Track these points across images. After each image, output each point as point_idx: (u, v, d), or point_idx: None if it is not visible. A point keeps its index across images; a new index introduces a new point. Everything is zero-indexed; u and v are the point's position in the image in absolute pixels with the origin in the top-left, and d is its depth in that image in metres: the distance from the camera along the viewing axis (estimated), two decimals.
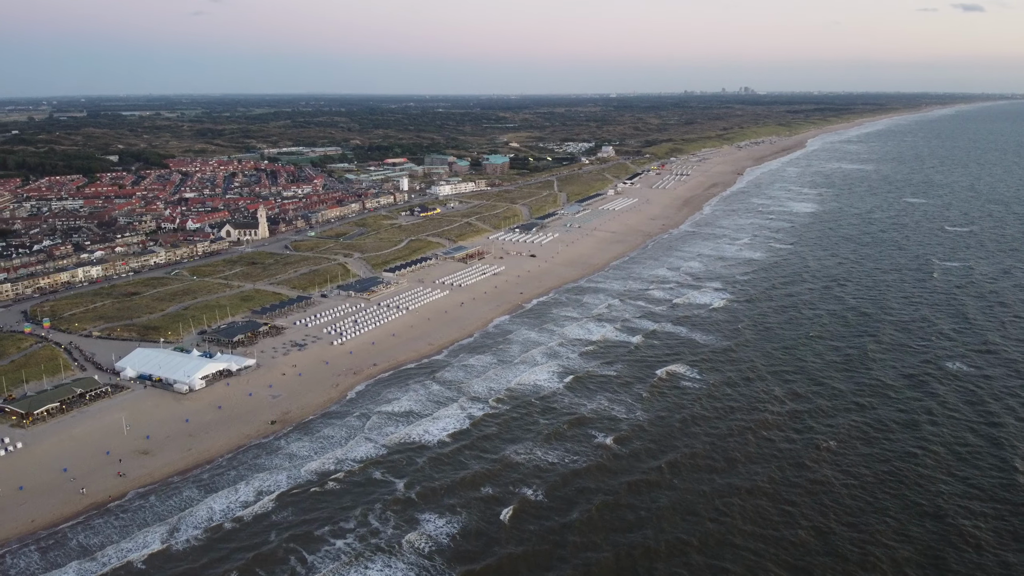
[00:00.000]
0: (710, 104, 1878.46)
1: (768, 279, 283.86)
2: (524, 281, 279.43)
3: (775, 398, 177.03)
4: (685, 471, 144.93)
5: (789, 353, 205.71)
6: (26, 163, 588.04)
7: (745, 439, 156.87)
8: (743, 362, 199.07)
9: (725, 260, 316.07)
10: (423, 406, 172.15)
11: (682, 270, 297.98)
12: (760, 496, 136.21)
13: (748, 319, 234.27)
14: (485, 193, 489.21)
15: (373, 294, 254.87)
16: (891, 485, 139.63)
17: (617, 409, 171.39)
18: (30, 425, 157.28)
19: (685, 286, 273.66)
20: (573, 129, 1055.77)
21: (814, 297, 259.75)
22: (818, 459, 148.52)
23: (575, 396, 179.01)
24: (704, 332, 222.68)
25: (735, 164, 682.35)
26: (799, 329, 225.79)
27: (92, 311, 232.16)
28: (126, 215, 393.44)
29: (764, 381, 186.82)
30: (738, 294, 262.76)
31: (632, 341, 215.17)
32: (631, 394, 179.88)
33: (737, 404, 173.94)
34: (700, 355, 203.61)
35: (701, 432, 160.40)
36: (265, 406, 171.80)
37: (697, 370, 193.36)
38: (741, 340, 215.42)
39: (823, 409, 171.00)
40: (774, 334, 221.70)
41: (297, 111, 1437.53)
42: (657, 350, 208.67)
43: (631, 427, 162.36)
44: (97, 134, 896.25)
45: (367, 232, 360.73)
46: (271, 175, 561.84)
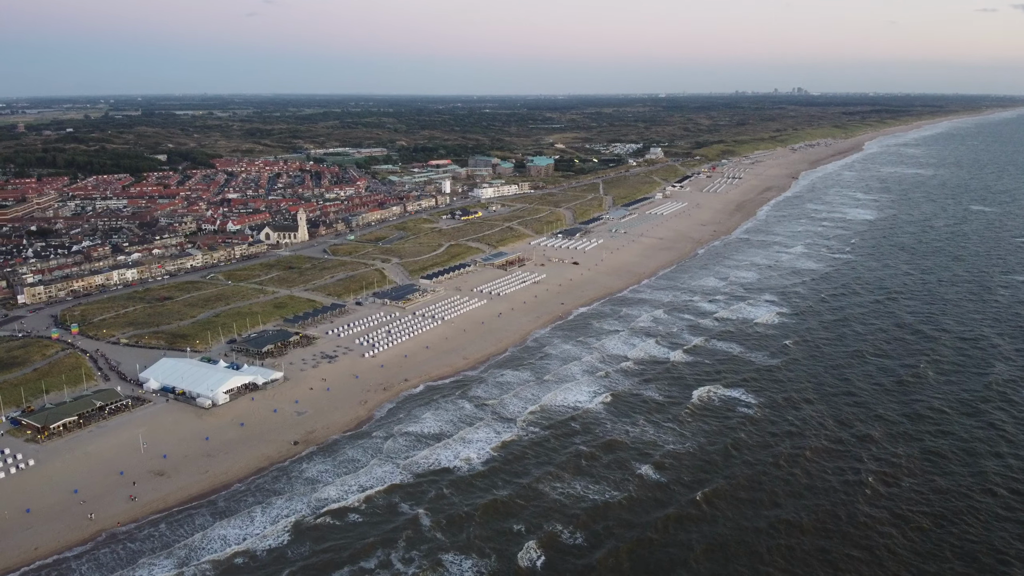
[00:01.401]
0: (762, 104, 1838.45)
1: (821, 291, 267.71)
2: (565, 290, 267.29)
3: (821, 424, 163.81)
4: (722, 506, 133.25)
5: (838, 374, 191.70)
6: (75, 161, 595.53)
7: (788, 471, 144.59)
8: (790, 383, 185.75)
9: (779, 270, 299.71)
10: (453, 427, 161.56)
11: (733, 280, 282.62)
12: (801, 536, 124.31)
13: (798, 335, 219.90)
14: (528, 196, 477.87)
15: (408, 302, 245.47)
16: (945, 528, 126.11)
17: (657, 433, 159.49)
18: (45, 440, 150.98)
19: (735, 298, 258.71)
20: (621, 130, 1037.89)
21: (867, 312, 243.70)
22: (866, 496, 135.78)
23: (613, 418, 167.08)
24: (753, 349, 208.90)
25: (789, 167, 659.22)
26: (849, 347, 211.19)
27: (122, 317, 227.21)
28: (167, 216, 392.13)
29: (811, 405, 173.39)
30: (791, 307, 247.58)
31: (676, 358, 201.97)
32: (672, 417, 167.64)
33: (781, 430, 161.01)
34: (747, 375, 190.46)
35: (741, 461, 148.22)
36: (289, 424, 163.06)
37: (742, 391, 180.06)
38: (790, 358, 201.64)
39: (872, 438, 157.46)
40: (824, 352, 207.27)
41: (346, 111, 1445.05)
42: (702, 368, 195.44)
43: (670, 454, 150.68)
44: (149, 133, 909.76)
45: (406, 236, 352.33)
46: (315, 176, 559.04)
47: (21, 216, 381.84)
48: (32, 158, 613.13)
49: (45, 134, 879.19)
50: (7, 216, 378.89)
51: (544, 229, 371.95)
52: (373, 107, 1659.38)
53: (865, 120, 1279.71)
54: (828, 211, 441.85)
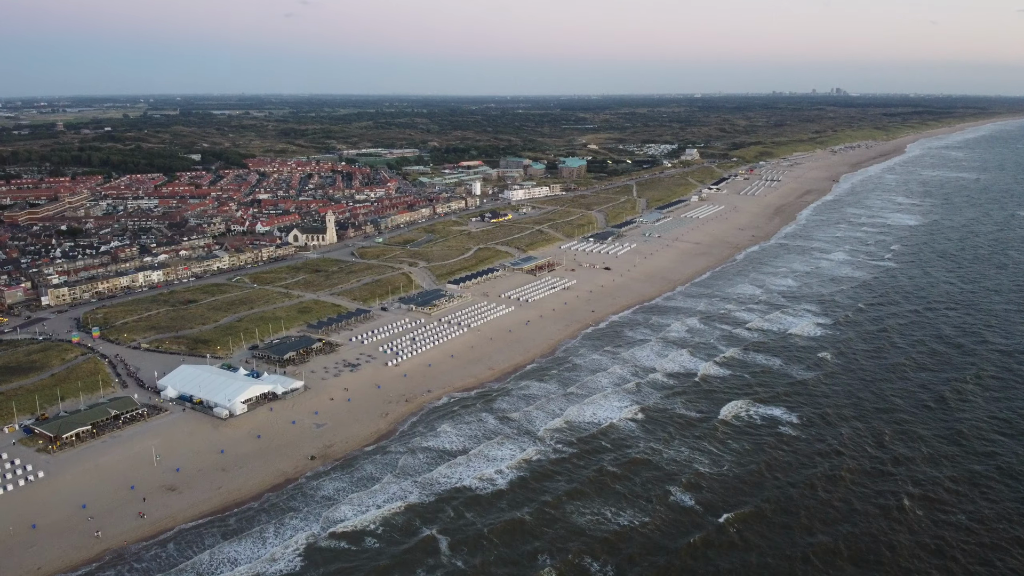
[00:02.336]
0: (800, 105, 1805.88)
1: (862, 300, 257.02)
2: (596, 297, 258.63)
3: (858, 444, 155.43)
4: (754, 531, 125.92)
5: (877, 389, 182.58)
6: (110, 160, 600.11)
7: (823, 494, 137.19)
8: (827, 398, 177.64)
9: (819, 277, 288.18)
10: (476, 443, 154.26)
11: (771, 288, 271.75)
12: (836, 565, 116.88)
13: (837, 347, 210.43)
14: (559, 198, 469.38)
15: (434, 308, 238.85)
16: (989, 562, 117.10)
17: (687, 452, 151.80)
18: (56, 451, 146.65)
19: (773, 307, 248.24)
20: (655, 130, 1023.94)
21: (908, 323, 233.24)
22: (905, 523, 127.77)
23: (643, 434, 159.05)
24: (791, 362, 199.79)
25: (830, 170, 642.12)
26: (889, 360, 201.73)
27: (144, 320, 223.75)
28: (197, 216, 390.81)
29: (848, 423, 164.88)
30: (831, 317, 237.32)
31: (710, 371, 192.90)
32: (703, 434, 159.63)
33: (817, 450, 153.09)
34: (783, 390, 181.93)
35: (775, 483, 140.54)
36: (307, 437, 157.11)
37: (778, 407, 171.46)
38: (827, 372, 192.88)
39: (912, 459, 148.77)
40: (863, 366, 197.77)
41: (380, 112, 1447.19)
42: (737, 382, 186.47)
43: (700, 474, 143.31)
44: (184, 132, 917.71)
45: (435, 239, 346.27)
46: (346, 177, 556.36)
47: (52, 215, 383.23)
48: (68, 156, 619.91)
49: (83, 132, 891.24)
50: (38, 215, 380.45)
51: (575, 232, 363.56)
52: (407, 107, 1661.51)
53: (906, 122, 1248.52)
54: (869, 216, 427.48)
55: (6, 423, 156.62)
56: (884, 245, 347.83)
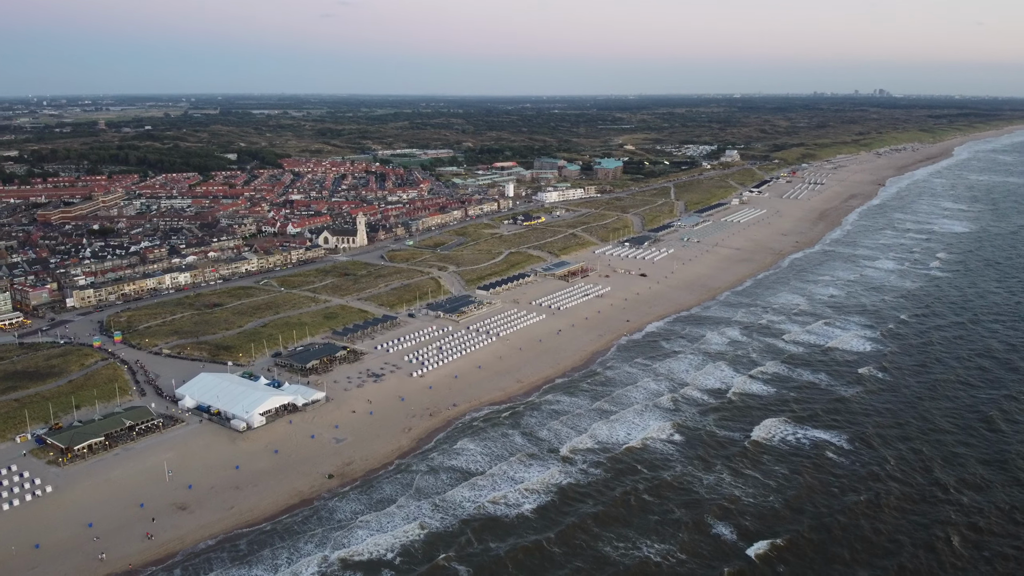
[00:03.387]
0: (842, 106, 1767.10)
1: (911, 312, 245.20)
2: (632, 305, 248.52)
3: (901, 470, 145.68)
4: (789, 563, 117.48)
5: (922, 410, 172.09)
6: (147, 159, 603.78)
7: (861, 523, 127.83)
8: (871, 417, 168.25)
9: (866, 287, 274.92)
10: (504, 465, 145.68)
11: (816, 298, 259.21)
12: None
13: (888, 363, 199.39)
14: (594, 200, 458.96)
15: (463, 316, 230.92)
16: None
17: (724, 476, 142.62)
18: (67, 463, 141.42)
19: (819, 318, 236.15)
20: (694, 131, 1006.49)
21: (956, 336, 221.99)
22: (948, 557, 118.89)
23: (680, 457, 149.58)
24: (836, 378, 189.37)
25: (875, 173, 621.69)
26: (935, 376, 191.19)
27: (168, 324, 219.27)
28: (229, 216, 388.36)
29: (891, 446, 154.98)
30: (878, 330, 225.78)
31: (751, 388, 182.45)
32: (743, 456, 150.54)
33: (856, 475, 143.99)
34: (825, 408, 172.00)
35: (813, 511, 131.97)
36: (326, 453, 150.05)
37: (821, 428, 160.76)
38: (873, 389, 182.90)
39: (956, 487, 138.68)
40: (908, 383, 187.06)
41: (417, 112, 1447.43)
42: (778, 400, 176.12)
43: (739, 500, 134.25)
44: (223, 131, 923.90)
45: (466, 242, 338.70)
46: (380, 178, 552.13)
47: (85, 214, 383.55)
48: (106, 155, 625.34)
49: (124, 131, 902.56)
50: (71, 214, 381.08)
51: (610, 236, 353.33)
52: (443, 108, 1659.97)
53: (953, 124, 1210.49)
54: (916, 221, 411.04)
55: (19, 432, 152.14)
56: (931, 252, 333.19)
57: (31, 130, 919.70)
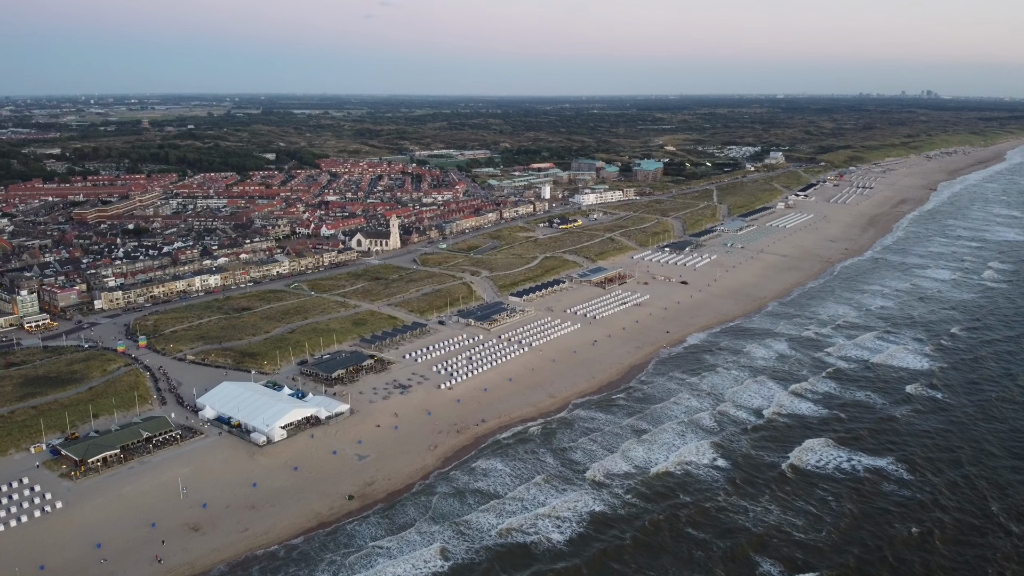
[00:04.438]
0: (889, 107, 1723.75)
1: (963, 324, 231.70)
2: (672, 315, 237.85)
3: (954, 500, 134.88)
4: None
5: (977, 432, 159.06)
6: (186, 158, 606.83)
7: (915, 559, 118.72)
8: (919, 438, 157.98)
9: (918, 298, 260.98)
10: (534, 489, 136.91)
11: (869, 310, 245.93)
12: None
13: (947, 382, 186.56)
14: (633, 203, 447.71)
15: (494, 324, 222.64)
16: None
17: (775, 508, 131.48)
18: (80, 477, 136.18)
19: (870, 331, 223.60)
20: (736, 132, 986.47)
21: (1008, 351, 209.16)
22: None
23: (724, 483, 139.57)
24: (889, 397, 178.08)
25: (925, 177, 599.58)
26: (986, 394, 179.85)
27: (194, 329, 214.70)
28: (263, 217, 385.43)
29: (944, 472, 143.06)
30: (934, 345, 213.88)
31: (800, 408, 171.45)
32: (791, 483, 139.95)
33: (908, 505, 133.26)
34: (879, 429, 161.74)
35: (859, 543, 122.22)
36: (347, 471, 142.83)
37: (877, 454, 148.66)
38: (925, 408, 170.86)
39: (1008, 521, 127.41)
40: (963, 403, 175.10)
41: (455, 112, 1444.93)
42: (830, 422, 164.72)
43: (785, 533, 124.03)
44: (263, 131, 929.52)
45: (500, 246, 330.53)
46: (415, 179, 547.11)
47: (121, 213, 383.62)
48: (146, 154, 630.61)
49: (166, 130, 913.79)
50: (107, 213, 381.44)
51: (649, 241, 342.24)
52: (482, 108, 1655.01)
53: (1004, 127, 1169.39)
54: (969, 228, 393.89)
55: (35, 441, 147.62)
56: (984, 261, 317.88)
57: (77, 128, 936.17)
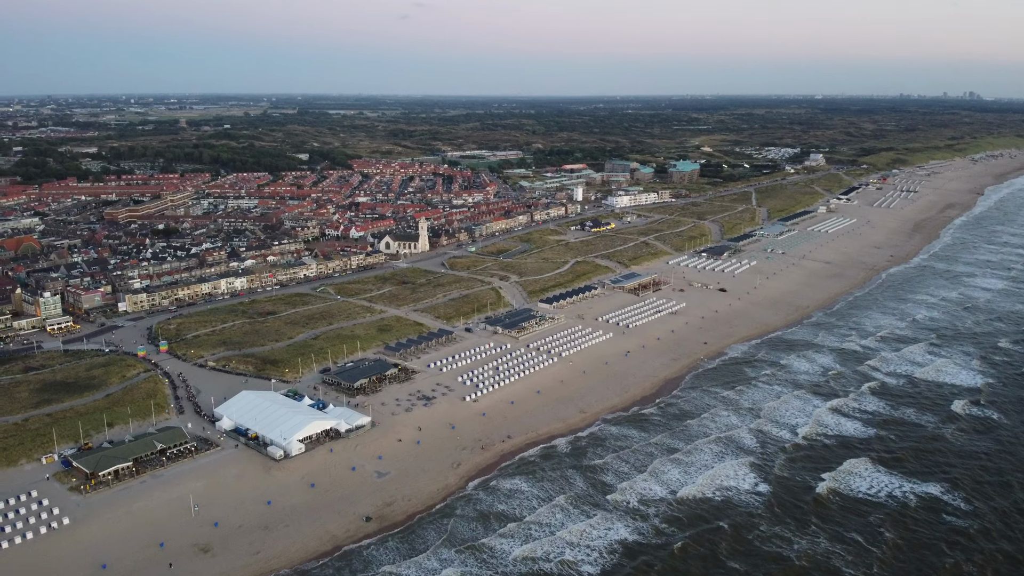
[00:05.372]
0: (931, 109, 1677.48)
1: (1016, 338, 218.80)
2: (710, 325, 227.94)
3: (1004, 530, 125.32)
4: None
5: None
6: (220, 158, 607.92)
7: None
8: (974, 458, 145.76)
9: (967, 308, 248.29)
10: (562, 514, 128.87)
11: (918, 322, 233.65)
12: None
13: (1005, 403, 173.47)
14: (669, 206, 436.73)
15: (523, 332, 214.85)
16: None
17: (822, 541, 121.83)
18: (90, 491, 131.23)
19: (920, 344, 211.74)
20: (774, 132, 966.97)
21: None
22: None
23: (766, 512, 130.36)
24: (940, 416, 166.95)
25: (972, 181, 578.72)
26: None
27: (217, 334, 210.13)
28: (293, 219, 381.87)
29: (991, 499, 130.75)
30: (988, 363, 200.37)
31: (846, 428, 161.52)
32: (839, 513, 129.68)
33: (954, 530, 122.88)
34: (930, 451, 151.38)
35: None
36: (366, 489, 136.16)
37: (932, 480, 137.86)
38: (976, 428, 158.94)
39: None
40: (1015, 421, 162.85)
41: (489, 113, 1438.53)
42: (881, 445, 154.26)
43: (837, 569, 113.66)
44: (298, 131, 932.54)
45: (530, 249, 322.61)
46: (447, 180, 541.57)
47: (152, 213, 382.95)
48: (181, 153, 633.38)
49: (203, 129, 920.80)
50: (138, 213, 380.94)
51: (685, 246, 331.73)
52: (515, 108, 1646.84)
53: None
54: (1019, 235, 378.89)
55: (47, 452, 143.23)
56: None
57: (115, 127, 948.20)
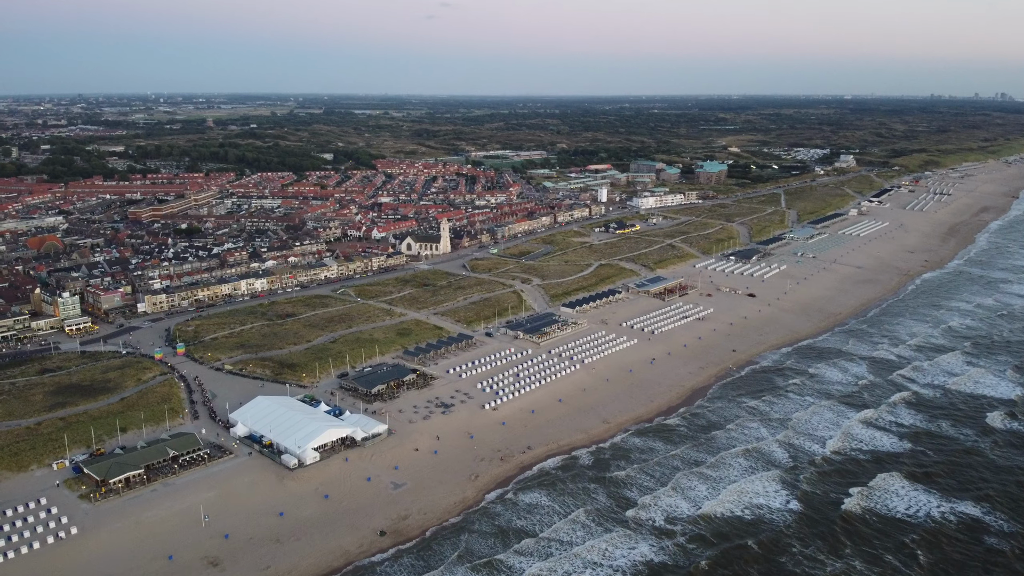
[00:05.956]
0: (962, 110, 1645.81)
1: None
2: (739, 332, 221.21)
3: None
4: None
5: None
6: (245, 157, 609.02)
7: None
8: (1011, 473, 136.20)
9: (1011, 317, 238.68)
10: (583, 531, 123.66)
11: (955, 330, 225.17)
12: None
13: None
14: (695, 207, 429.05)
15: (544, 337, 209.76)
16: None
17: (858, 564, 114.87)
18: (100, 499, 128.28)
19: (959, 354, 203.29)
20: (803, 133, 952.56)
21: None
22: None
23: (799, 534, 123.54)
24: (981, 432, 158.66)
25: (1007, 183, 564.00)
26: None
27: (235, 336, 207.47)
28: (315, 219, 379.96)
29: None
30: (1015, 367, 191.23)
31: (882, 443, 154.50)
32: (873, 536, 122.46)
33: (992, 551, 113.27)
34: (964, 464, 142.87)
35: None
36: (381, 501, 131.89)
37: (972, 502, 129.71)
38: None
39: None
40: None
41: (513, 113, 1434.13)
42: (919, 462, 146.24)
43: None
44: (323, 131, 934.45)
45: (553, 251, 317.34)
46: (469, 181, 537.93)
47: (175, 213, 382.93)
48: (207, 152, 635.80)
49: (229, 128, 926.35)
50: (161, 212, 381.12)
51: (712, 249, 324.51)
52: (540, 108, 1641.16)
53: None
54: None
55: (58, 457, 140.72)
56: None
57: (144, 126, 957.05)
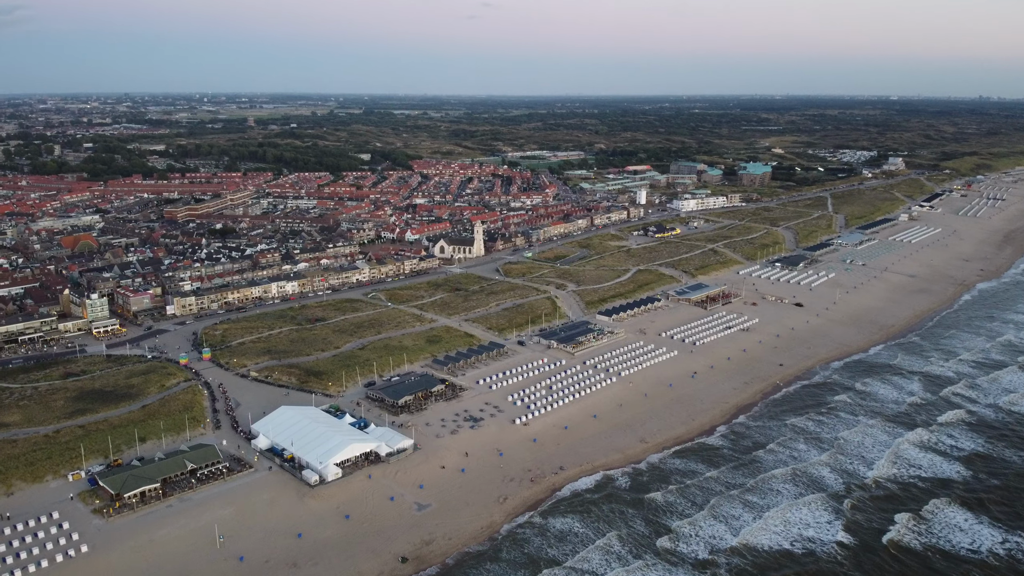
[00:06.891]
0: (1013, 112, 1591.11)
1: None
2: (785, 344, 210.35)
3: None
4: None
5: None
6: (283, 157, 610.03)
7: None
8: None
9: None
10: (618, 561, 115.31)
11: (1012, 344, 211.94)
12: None
13: None
14: (739, 210, 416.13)
15: (579, 347, 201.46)
16: None
17: None
18: (113, 514, 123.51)
19: (1019, 371, 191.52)
20: (848, 134, 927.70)
21: None
22: None
23: (852, 567, 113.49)
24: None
25: None
26: None
27: (262, 341, 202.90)
28: (350, 220, 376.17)
29: None
30: None
31: (940, 468, 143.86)
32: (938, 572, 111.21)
33: None
34: None
35: None
36: (404, 524, 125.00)
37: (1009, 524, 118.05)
38: None
39: None
40: None
41: (551, 113, 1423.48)
42: (974, 485, 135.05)
43: None
44: (361, 131, 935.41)
45: (589, 256, 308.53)
46: (505, 181, 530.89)
47: (211, 213, 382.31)
48: (245, 152, 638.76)
49: (270, 128, 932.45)
50: (198, 212, 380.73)
51: (757, 255, 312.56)
52: (578, 108, 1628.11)
53: None
54: None
55: (74, 468, 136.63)
56: None
57: (186, 125, 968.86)
